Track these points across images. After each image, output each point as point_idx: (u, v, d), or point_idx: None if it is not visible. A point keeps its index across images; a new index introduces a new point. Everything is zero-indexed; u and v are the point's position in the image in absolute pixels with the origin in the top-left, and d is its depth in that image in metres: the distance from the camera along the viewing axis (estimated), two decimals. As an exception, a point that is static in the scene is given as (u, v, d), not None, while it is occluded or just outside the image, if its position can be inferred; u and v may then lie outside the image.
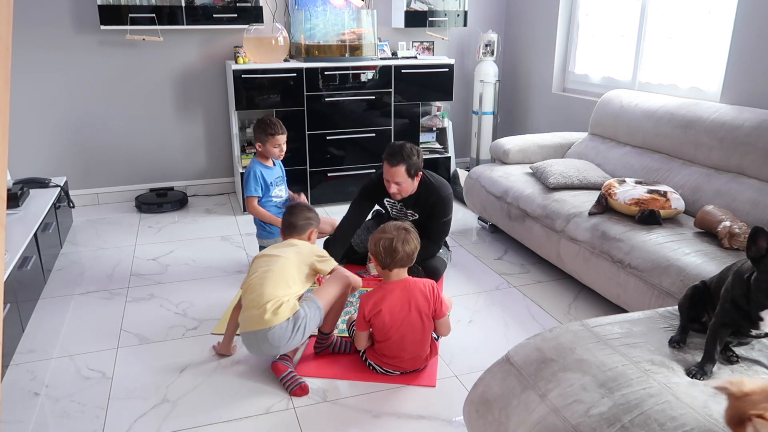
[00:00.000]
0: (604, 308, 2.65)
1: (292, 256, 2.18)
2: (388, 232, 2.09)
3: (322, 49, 4.00)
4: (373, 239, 2.10)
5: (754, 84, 2.84)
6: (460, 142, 4.93)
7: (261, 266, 2.15)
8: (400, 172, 2.67)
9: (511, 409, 1.41)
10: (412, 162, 2.67)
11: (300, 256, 2.20)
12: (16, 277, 2.40)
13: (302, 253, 2.22)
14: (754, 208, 2.50)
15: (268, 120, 2.95)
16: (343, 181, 4.13)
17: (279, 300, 2.03)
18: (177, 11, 3.74)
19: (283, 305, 2.03)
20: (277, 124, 2.95)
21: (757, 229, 1.37)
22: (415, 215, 2.90)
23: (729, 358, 1.47)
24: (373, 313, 2.07)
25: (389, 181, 2.73)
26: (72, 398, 2.05)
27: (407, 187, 2.74)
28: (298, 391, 2.05)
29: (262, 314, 2.00)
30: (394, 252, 2.05)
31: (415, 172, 2.71)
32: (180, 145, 4.26)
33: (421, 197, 2.84)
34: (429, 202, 2.83)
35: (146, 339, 2.43)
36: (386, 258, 2.07)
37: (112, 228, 3.72)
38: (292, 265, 2.16)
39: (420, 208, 2.87)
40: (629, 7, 3.66)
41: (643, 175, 3.06)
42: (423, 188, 2.82)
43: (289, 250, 2.21)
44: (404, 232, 2.09)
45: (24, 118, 3.86)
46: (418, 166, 2.72)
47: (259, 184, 2.95)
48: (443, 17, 4.36)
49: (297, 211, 2.38)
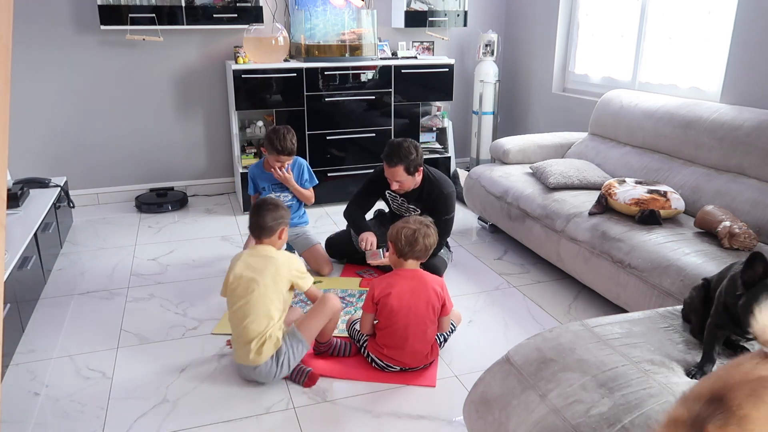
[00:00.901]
0: (604, 308, 2.65)
1: (270, 282, 2.07)
2: (412, 223, 2.17)
3: (322, 49, 4.00)
4: (396, 227, 2.18)
5: (754, 84, 2.84)
6: (460, 142, 4.93)
7: (239, 294, 2.07)
8: (399, 171, 2.71)
9: (511, 409, 1.41)
10: (411, 160, 2.70)
11: (278, 278, 2.10)
12: (16, 277, 2.39)
13: (280, 275, 2.10)
14: (754, 208, 2.50)
15: (281, 134, 2.86)
16: (343, 181, 4.13)
17: (262, 337, 2.04)
18: (177, 11, 3.74)
19: (266, 343, 2.04)
20: (287, 142, 2.86)
21: (756, 254, 1.35)
22: (417, 210, 2.91)
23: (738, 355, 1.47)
24: (383, 295, 2.12)
25: (390, 179, 2.78)
26: (72, 398, 2.05)
27: (408, 183, 2.79)
28: (308, 383, 2.11)
29: (248, 353, 2.04)
30: (414, 243, 2.14)
31: (414, 168, 2.74)
32: (180, 145, 4.26)
33: (424, 193, 2.86)
34: (431, 198, 2.85)
35: (146, 339, 2.43)
36: (405, 247, 2.15)
37: (112, 228, 3.72)
38: (272, 292, 2.07)
39: (422, 204, 2.89)
40: (629, 7, 3.66)
41: (643, 175, 3.06)
42: (426, 183, 2.86)
43: (266, 274, 2.07)
44: (426, 227, 2.18)
45: (24, 118, 3.86)
46: (418, 162, 2.75)
47: (252, 185, 3.04)
48: (443, 17, 4.36)
49: (264, 211, 2.17)
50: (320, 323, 2.16)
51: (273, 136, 2.86)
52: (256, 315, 2.04)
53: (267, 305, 2.06)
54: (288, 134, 2.88)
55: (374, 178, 2.99)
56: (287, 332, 2.12)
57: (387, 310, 2.12)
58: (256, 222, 2.17)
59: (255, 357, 2.03)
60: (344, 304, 2.67)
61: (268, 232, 2.17)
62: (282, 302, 2.11)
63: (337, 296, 2.29)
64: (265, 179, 3.04)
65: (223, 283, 2.16)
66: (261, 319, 2.05)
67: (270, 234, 2.18)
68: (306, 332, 2.13)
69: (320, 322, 2.16)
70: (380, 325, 2.17)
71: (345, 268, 3.10)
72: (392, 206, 3.05)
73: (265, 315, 2.05)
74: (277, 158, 2.90)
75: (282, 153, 2.87)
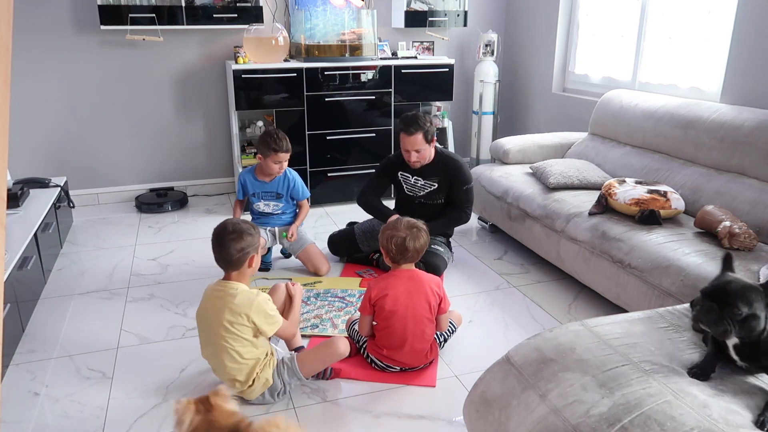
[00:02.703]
0: (604, 308, 2.65)
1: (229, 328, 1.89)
2: (400, 230, 2.17)
3: (322, 49, 4.00)
4: (385, 236, 2.20)
5: (754, 84, 2.84)
6: (460, 142, 4.93)
7: (206, 340, 1.97)
8: (419, 139, 2.82)
9: (511, 409, 1.41)
10: (428, 128, 2.84)
11: (236, 325, 1.89)
12: (16, 277, 2.39)
13: (238, 321, 1.89)
14: (754, 208, 2.50)
15: (274, 134, 2.85)
16: (343, 181, 4.13)
17: (246, 383, 1.95)
18: (177, 11, 3.74)
19: (254, 384, 1.96)
20: (282, 140, 2.85)
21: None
22: (434, 185, 2.97)
23: None
24: (379, 296, 2.13)
25: (409, 151, 2.86)
26: (72, 398, 2.05)
27: (426, 153, 2.88)
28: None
29: (236, 389, 1.95)
30: (405, 250, 2.16)
31: (431, 137, 2.87)
32: (180, 145, 4.26)
33: (440, 165, 2.95)
34: (448, 170, 2.94)
35: (146, 339, 2.43)
36: (397, 254, 2.18)
37: (112, 228, 3.72)
38: (233, 341, 1.90)
39: (439, 177, 2.96)
40: (629, 7, 3.66)
41: (643, 175, 3.06)
42: (439, 156, 2.96)
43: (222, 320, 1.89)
44: (417, 230, 2.19)
45: (24, 117, 3.86)
46: (433, 131, 2.89)
47: (242, 191, 3.03)
48: (443, 17, 4.36)
49: (228, 242, 1.92)
50: (322, 366, 2.08)
51: (267, 137, 2.85)
52: (232, 369, 1.92)
53: (233, 354, 1.91)
54: (280, 133, 2.88)
55: (386, 163, 3.09)
56: (285, 365, 2.02)
57: (384, 312, 2.13)
58: (219, 254, 1.95)
59: (247, 392, 1.97)
60: (344, 304, 2.67)
61: (235, 265, 1.95)
62: (254, 345, 1.95)
63: (337, 295, 2.28)
64: (257, 187, 3.01)
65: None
66: (242, 372, 1.93)
67: (238, 266, 1.95)
68: (306, 371, 2.04)
69: (323, 365, 2.08)
70: (378, 326, 2.17)
71: (345, 267, 3.10)
72: (405, 188, 3.06)
73: (237, 362, 1.92)
74: (276, 158, 2.87)
75: (280, 150, 2.85)
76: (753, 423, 1.23)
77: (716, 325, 1.32)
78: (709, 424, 1.19)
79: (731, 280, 1.35)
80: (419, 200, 3.02)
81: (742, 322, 1.30)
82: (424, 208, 3.00)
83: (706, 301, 1.35)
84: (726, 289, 1.33)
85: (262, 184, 3.00)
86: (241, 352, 1.92)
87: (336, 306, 2.65)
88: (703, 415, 1.22)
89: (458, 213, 2.99)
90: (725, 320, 1.31)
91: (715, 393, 1.31)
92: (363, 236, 3.09)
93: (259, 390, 1.98)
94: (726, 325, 1.31)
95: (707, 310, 1.33)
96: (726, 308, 1.30)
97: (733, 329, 1.30)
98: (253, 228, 2.00)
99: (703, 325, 1.34)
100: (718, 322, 1.31)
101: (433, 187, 2.97)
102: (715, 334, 1.35)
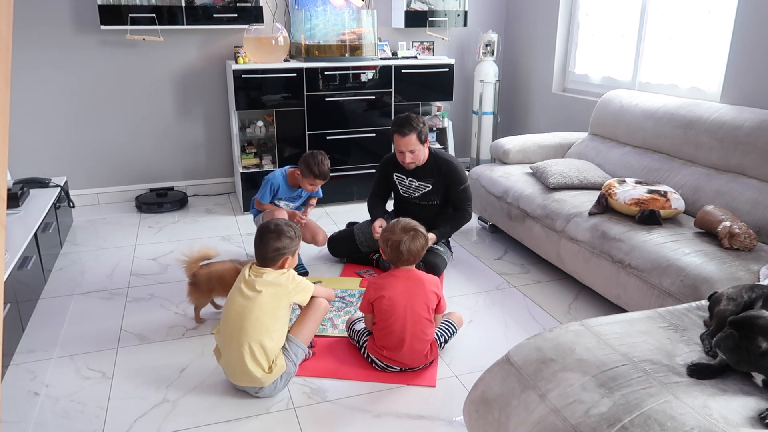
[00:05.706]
0: (604, 308, 2.65)
1: (267, 308, 1.98)
2: (396, 233, 2.19)
3: (322, 49, 4.00)
4: (383, 238, 2.23)
5: (754, 84, 2.84)
6: (460, 142, 4.93)
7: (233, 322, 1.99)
8: (413, 140, 2.81)
9: (511, 409, 1.41)
10: (421, 129, 2.83)
11: (275, 301, 2.01)
12: (16, 277, 2.40)
13: (278, 294, 2.01)
14: (754, 208, 2.50)
15: (320, 160, 2.87)
16: (343, 181, 4.13)
17: (267, 368, 1.98)
18: (177, 11, 3.74)
19: (273, 372, 1.99)
20: (325, 168, 2.89)
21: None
22: (428, 186, 2.97)
23: None
24: (377, 297, 2.14)
25: (403, 152, 2.85)
26: (72, 398, 2.05)
27: (420, 154, 2.87)
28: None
29: (253, 380, 1.98)
30: (399, 253, 2.18)
31: (425, 137, 2.86)
32: (180, 145, 4.26)
33: (433, 166, 2.95)
34: (443, 171, 2.94)
35: (146, 339, 2.43)
36: (394, 257, 2.20)
37: (112, 228, 3.72)
38: (268, 319, 1.98)
39: (434, 178, 2.96)
40: (629, 7, 3.66)
41: (643, 175, 3.06)
42: (432, 157, 2.96)
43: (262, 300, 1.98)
44: (412, 233, 2.19)
45: (24, 118, 3.86)
46: (426, 132, 2.88)
47: (271, 194, 3.03)
48: (443, 17, 4.36)
49: (265, 241, 2.04)
50: (316, 326, 2.17)
51: (311, 160, 2.88)
52: (256, 355, 1.95)
53: (266, 336, 1.97)
54: (325, 160, 2.90)
55: (382, 165, 3.11)
56: (286, 346, 2.06)
57: (383, 311, 2.14)
58: (258, 248, 2.07)
59: (264, 378, 1.98)
60: (344, 304, 2.67)
61: (270, 262, 2.05)
62: (282, 325, 2.04)
63: (337, 295, 2.29)
64: (286, 193, 3.06)
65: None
66: (261, 360, 1.96)
67: (272, 264, 2.06)
68: (303, 338, 2.11)
69: (316, 325, 2.17)
70: (377, 326, 2.18)
71: (345, 267, 3.10)
72: (400, 190, 3.07)
73: (264, 357, 1.97)
74: (313, 182, 2.93)
75: (319, 177, 2.90)
76: (759, 416, 1.24)
77: (732, 353, 1.34)
78: (709, 424, 1.19)
79: (762, 316, 1.36)
80: (415, 202, 3.03)
81: (760, 356, 1.31)
82: (420, 210, 3.00)
83: (729, 329, 1.36)
84: (752, 322, 1.34)
85: (289, 190, 3.06)
86: (275, 337, 2.00)
87: (336, 306, 2.65)
88: (703, 414, 1.22)
89: (460, 214, 3.00)
90: (742, 350, 1.32)
91: (716, 393, 1.31)
92: (363, 236, 3.09)
93: (276, 374, 2.00)
94: (741, 355, 1.32)
95: (727, 336, 1.35)
96: (745, 340, 1.32)
97: (749, 361, 1.32)
98: (294, 232, 2.10)
99: (721, 351, 1.36)
100: (734, 350, 1.33)
101: (428, 188, 2.97)
102: (731, 362, 1.36)
